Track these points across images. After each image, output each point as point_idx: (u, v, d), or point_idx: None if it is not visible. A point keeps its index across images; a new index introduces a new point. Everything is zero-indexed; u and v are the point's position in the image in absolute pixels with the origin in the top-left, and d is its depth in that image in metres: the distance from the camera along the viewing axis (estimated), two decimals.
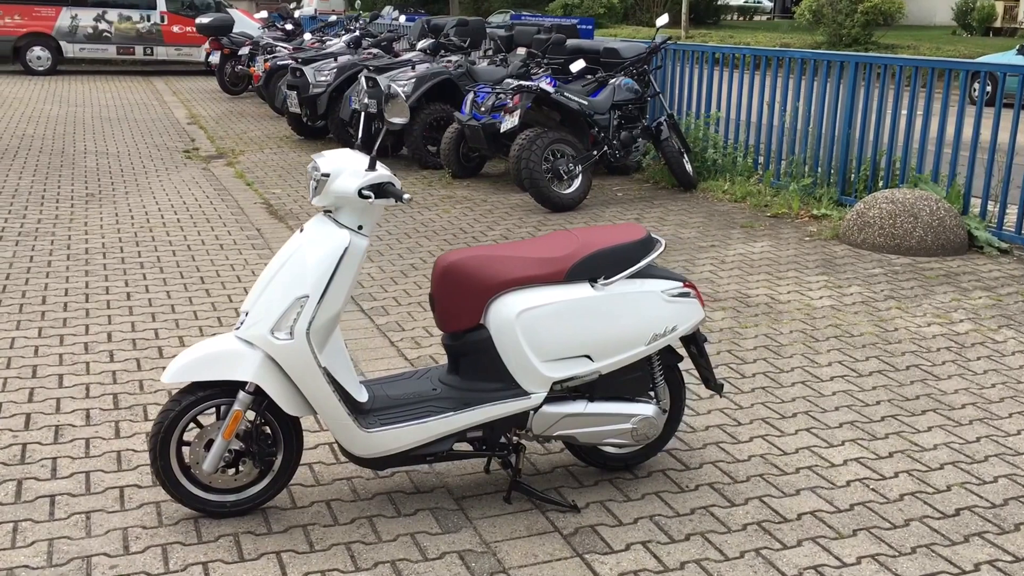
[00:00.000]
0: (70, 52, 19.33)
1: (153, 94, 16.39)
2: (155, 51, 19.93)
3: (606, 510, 3.39)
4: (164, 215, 7.64)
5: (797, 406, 4.30)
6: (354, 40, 12.30)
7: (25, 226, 7.13)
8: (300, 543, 3.12)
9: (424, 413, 3.22)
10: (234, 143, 11.50)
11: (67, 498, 3.32)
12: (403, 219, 7.72)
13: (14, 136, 11.28)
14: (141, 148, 10.88)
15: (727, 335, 5.18)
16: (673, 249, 6.90)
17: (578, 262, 3.28)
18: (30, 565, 2.93)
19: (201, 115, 13.95)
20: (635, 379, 3.43)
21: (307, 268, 3.05)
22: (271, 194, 8.62)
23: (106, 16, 19.47)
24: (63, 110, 13.78)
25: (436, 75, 9.89)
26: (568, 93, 8.31)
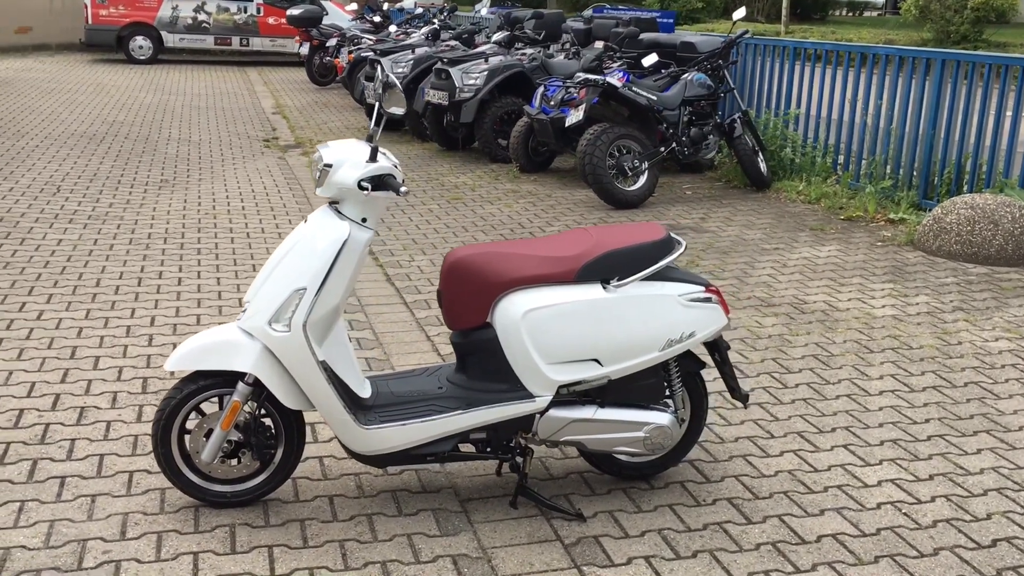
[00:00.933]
0: (170, 42, 19.89)
1: (245, 84, 16.74)
2: (251, 42, 20.36)
3: (613, 520, 3.26)
4: (231, 203, 7.76)
5: (838, 420, 4.08)
6: (432, 32, 12.32)
7: (96, 209, 7.32)
8: (294, 538, 3.08)
9: (425, 412, 3.15)
10: (313, 133, 11.64)
11: (77, 480, 3.36)
12: (463, 212, 7.68)
13: (104, 122, 11.64)
14: (223, 136, 11.10)
15: (775, 342, 4.96)
16: (733, 251, 6.68)
17: (589, 262, 3.16)
18: (27, 546, 2.97)
19: (287, 105, 14.18)
20: (649, 386, 3.29)
21: (306, 260, 3.01)
22: None
23: (205, 7, 19.97)
24: (156, 98, 14.18)
25: (508, 68, 9.81)
26: (637, 88, 8.13)
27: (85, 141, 10.30)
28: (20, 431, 3.70)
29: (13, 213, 7.07)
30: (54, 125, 11.26)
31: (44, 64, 18.61)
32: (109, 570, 2.86)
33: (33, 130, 10.84)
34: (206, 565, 2.91)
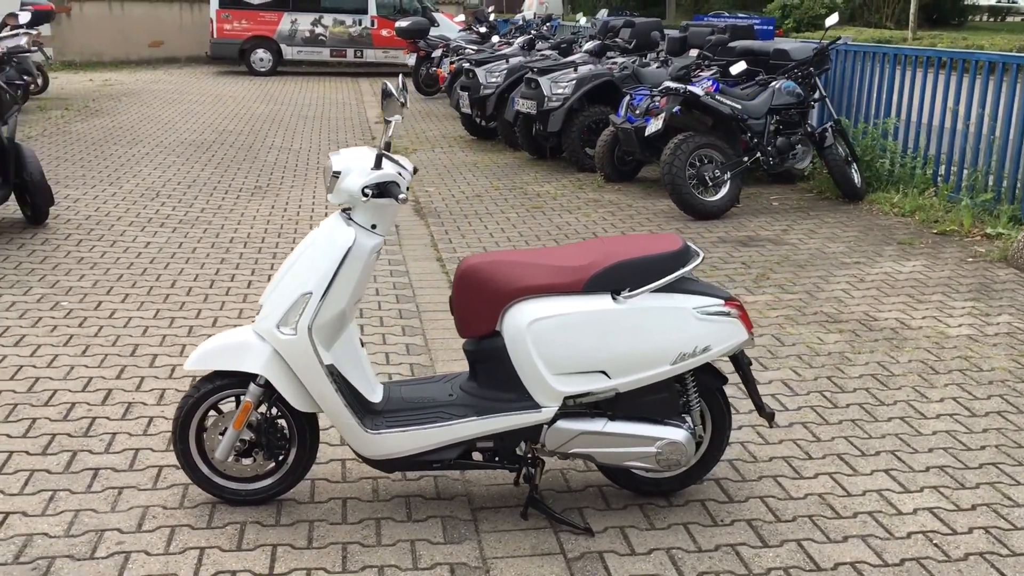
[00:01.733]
0: (289, 54, 20.60)
1: (355, 94, 17.19)
2: (364, 54, 20.90)
3: (623, 537, 3.20)
4: (315, 209, 7.97)
5: (884, 444, 3.90)
6: (528, 42, 12.37)
7: (188, 214, 7.64)
8: (300, 538, 3.14)
9: (432, 419, 3.16)
10: (410, 142, 11.85)
11: (109, 472, 3.51)
12: (540, 221, 7.68)
13: (215, 131, 12.14)
14: (322, 145, 11.42)
15: (833, 360, 4.78)
16: (810, 264, 6.46)
17: (598, 273, 3.11)
18: (49, 533, 3.11)
19: None
20: (661, 400, 3.22)
21: (313, 265, 3.07)
22: (423, 192, 8.81)
23: (322, 20, 20.61)
24: (268, 108, 14.70)
25: (597, 77, 9.76)
26: (720, 96, 7.97)
27: (192, 149, 10.76)
28: (68, 423, 3.89)
29: (111, 217, 7.44)
30: (168, 133, 11.81)
31: (172, 76, 19.55)
32: (119, 561, 2.98)
33: (148, 138, 11.40)
34: (209, 560, 3.00)
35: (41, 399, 4.10)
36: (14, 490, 3.37)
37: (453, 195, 8.69)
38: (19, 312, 5.19)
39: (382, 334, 5.03)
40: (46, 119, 12.65)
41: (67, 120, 12.63)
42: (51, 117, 12.81)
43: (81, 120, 12.68)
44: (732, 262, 6.53)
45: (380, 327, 5.13)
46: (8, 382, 4.27)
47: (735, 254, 6.73)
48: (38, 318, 5.11)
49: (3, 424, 3.86)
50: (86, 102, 14.55)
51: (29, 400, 4.09)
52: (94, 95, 15.53)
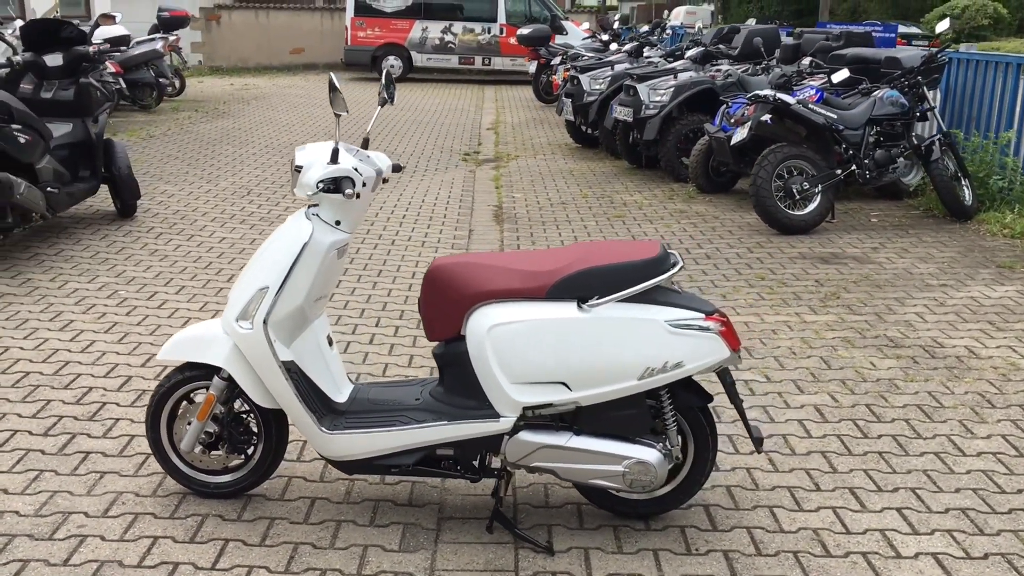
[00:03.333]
0: (419, 61, 21.00)
1: (476, 101, 17.33)
2: (492, 61, 21.08)
3: (584, 559, 3.04)
4: (395, 211, 8.03)
5: (907, 480, 3.57)
6: (635, 49, 12.15)
7: (271, 212, 7.83)
8: (255, 535, 3.12)
9: (390, 422, 3.09)
10: (515, 148, 11.83)
11: (99, 457, 3.59)
12: (617, 230, 7.49)
13: (326, 134, 12.45)
14: (428, 150, 11.53)
15: (879, 387, 4.43)
16: (889, 285, 6.05)
17: (562, 279, 2.97)
18: (20, 512, 3.20)
19: (504, 122, 14.52)
20: (628, 417, 3.03)
21: (271, 260, 3.05)
22: (511, 198, 8.76)
23: (452, 28, 20.91)
24: (388, 113, 14.98)
25: (696, 85, 9.48)
26: (815, 105, 7.58)
27: None
28: (78, 407, 4.01)
29: (197, 212, 7.71)
30: (281, 135, 12.20)
31: (306, 81, 20.23)
32: (73, 544, 3.03)
33: (260, 139, 11.79)
34: (159, 550, 3.01)
35: (62, 382, 4.25)
36: (4, 467, 3.49)
37: (538, 202, 8.60)
38: (77, 299, 5.42)
39: (414, 336, 4.99)
40: (174, 119, 13.28)
41: (193, 121, 13.23)
42: (179, 118, 13.44)
43: (206, 121, 13.25)
44: (805, 279, 6.18)
45: (418, 329, 5.10)
46: (39, 364, 4.45)
47: (811, 271, 6.37)
48: (91, 305, 5.32)
49: (20, 404, 4.02)
50: (217, 104, 15.21)
51: (51, 382, 4.24)
52: (227, 98, 16.22)
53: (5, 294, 5.44)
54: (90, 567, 2.90)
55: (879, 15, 36.22)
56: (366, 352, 4.77)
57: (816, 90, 8.03)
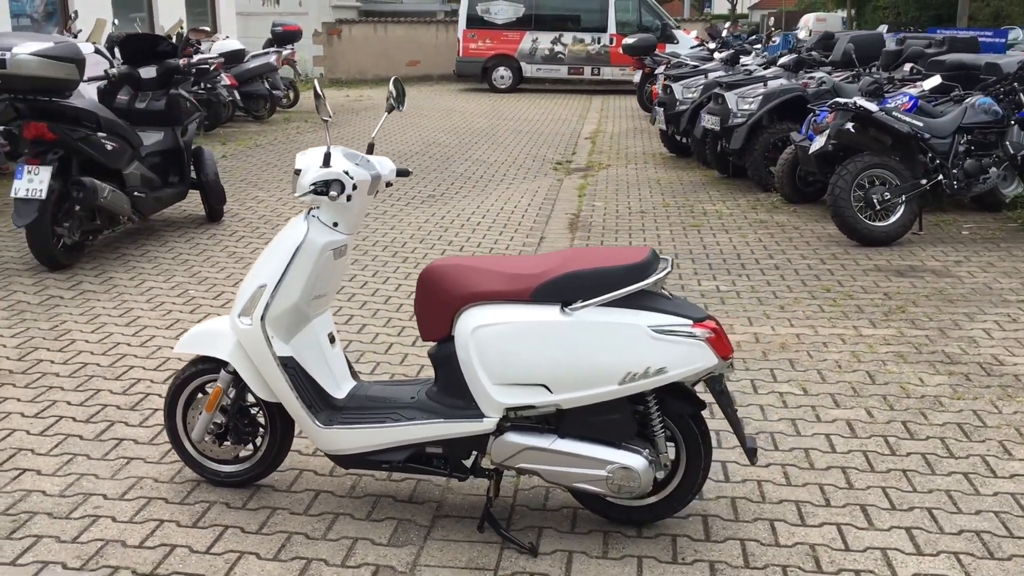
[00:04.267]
0: (528, 72, 21.20)
1: (579, 111, 17.37)
2: (602, 71, 21.09)
3: (566, 563, 3.05)
4: (471, 218, 8.16)
5: (926, 500, 3.43)
6: (731, 57, 11.96)
7: None
8: (254, 523, 3.25)
9: (383, 419, 3.17)
10: (608, 157, 11.82)
11: (131, 444, 3.81)
12: (691, 240, 7.41)
13: (423, 143, 12.73)
14: (520, 158, 11.64)
15: (921, 403, 4.26)
16: (963, 300, 5.79)
17: (545, 282, 2.99)
18: (47, 491, 3.43)
19: (604, 131, 14.51)
20: (612, 422, 3.03)
21: (271, 259, 3.18)
22: (590, 206, 8.77)
23: (562, 39, 21.03)
24: (488, 123, 15.20)
25: (786, 92, 9.27)
26: (899, 113, 7.32)
27: (393, 158, 11.29)
28: (124, 397, 4.26)
29: (281, 217, 8.02)
30: (380, 144, 12.52)
31: (419, 92, 20.68)
32: (85, 523, 3.22)
33: (359, 148, 12.12)
34: (161, 532, 3.17)
35: (115, 373, 4.51)
36: (43, 450, 3.74)
37: (617, 210, 8.58)
38: (149, 296, 5.74)
39: None
40: (283, 130, 13.82)
41: (300, 131, 13.73)
42: (288, 128, 13.97)
43: (312, 131, 13.73)
44: (873, 292, 5.98)
45: None
46: (98, 356, 4.73)
47: (882, 284, 6.16)
48: (161, 303, 5.62)
49: (71, 392, 4.29)
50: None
51: (105, 373, 4.51)
52: (338, 109, 16.75)
53: (85, 291, 5.80)
54: (95, 545, 3.08)
55: (1023, 19, 34.44)
56: (406, 353, 4.88)
57: (911, 97, 7.77)
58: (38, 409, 4.11)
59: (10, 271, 6.18)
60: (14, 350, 4.79)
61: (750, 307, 5.70)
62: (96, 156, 6.08)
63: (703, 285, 6.18)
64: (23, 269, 6.21)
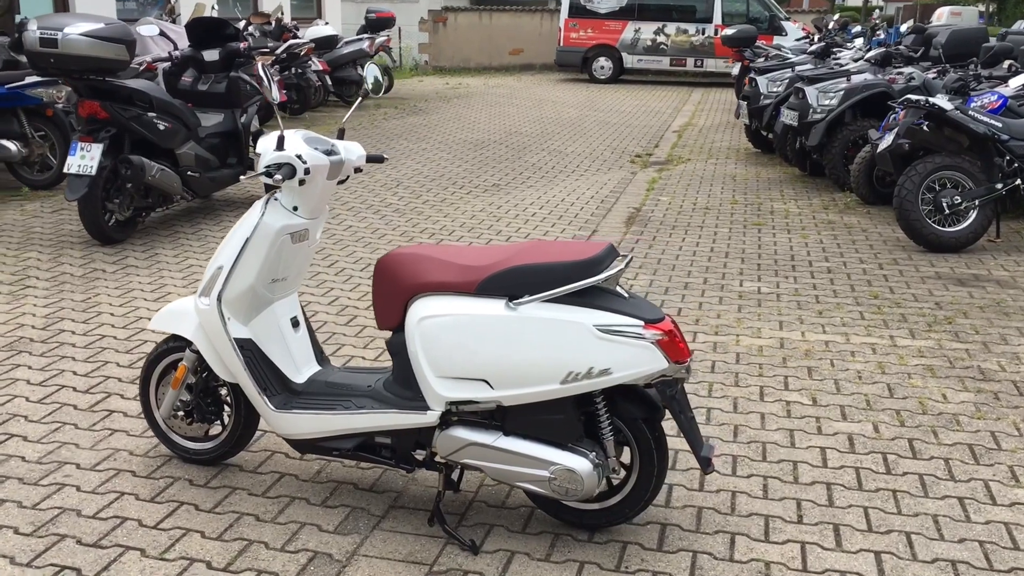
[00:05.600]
0: (629, 62, 20.91)
1: (675, 104, 17.04)
2: (705, 63, 20.63)
3: (504, 563, 2.97)
4: (528, 209, 8.08)
5: (909, 524, 3.22)
6: (822, 50, 11.50)
7: (409, 204, 8.11)
8: (210, 501, 3.28)
9: (333, 406, 3.16)
10: (690, 152, 11.56)
11: (120, 416, 3.91)
12: (746, 239, 7.16)
13: (505, 132, 12.69)
14: (597, 150, 11.49)
15: (937, 421, 4.00)
16: (1018, 315, 5.41)
17: (490, 276, 2.91)
18: (26, 457, 3.54)
19: (695, 124, 14.19)
20: (555, 422, 2.93)
21: (230, 241, 3.20)
22: (655, 201, 8.59)
23: (665, 29, 20.66)
24: (577, 113, 15.06)
25: (869, 88, 8.86)
26: (977, 112, 6.89)
27: (467, 147, 11.36)
28: (128, 370, 4.37)
29: (338, 201, 8.12)
30: (460, 132, 12.56)
31: (518, 81, 20.68)
32: (51, 491, 3.32)
33: (437, 136, 12.20)
34: (118, 504, 3.24)
35: (127, 347, 4.64)
36: (36, 417, 3.87)
37: (681, 206, 8.38)
38: (186, 274, 5.88)
39: None
40: (370, 116, 14.01)
41: (387, 117, 13.89)
42: (375, 114, 14.16)
43: (399, 117, 13.88)
44: (925, 301, 5.66)
45: None
46: (117, 329, 4.87)
47: (937, 293, 5.82)
48: (194, 280, 5.75)
49: (81, 363, 4.43)
50: (418, 102, 15.88)
51: (118, 346, 4.65)
52: (432, 96, 16.89)
53: (128, 266, 5.99)
54: (51, 513, 3.17)
55: None
56: None
57: (1000, 97, 7.32)
58: (44, 377, 4.26)
59: (64, 243, 6.44)
60: (41, 319, 4.98)
61: (786, 311, 5.47)
62: (147, 135, 6.27)
63: (744, 286, 5.96)
64: (76, 242, 6.46)
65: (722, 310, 5.47)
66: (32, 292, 5.42)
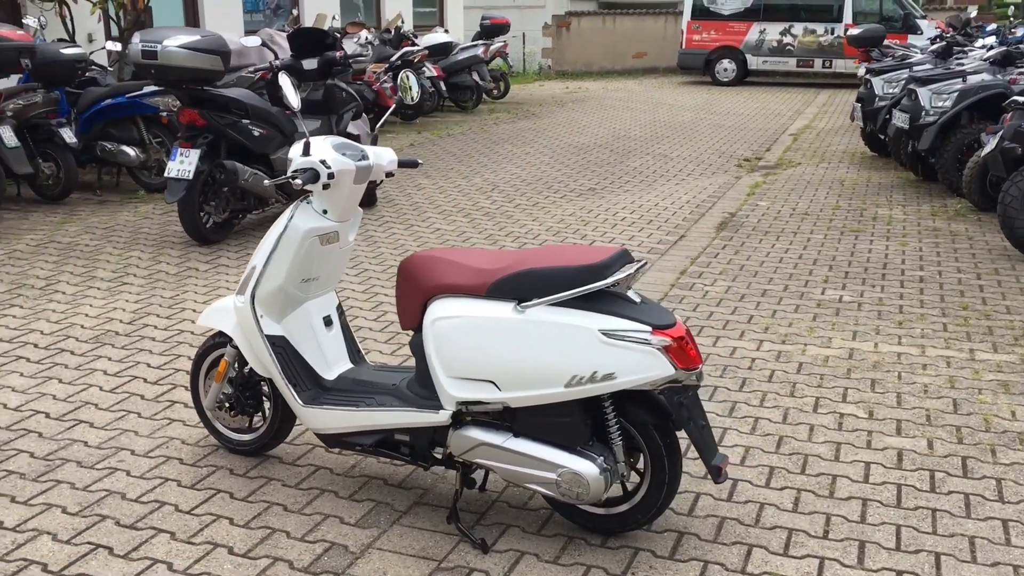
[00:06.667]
0: (754, 64, 20.45)
1: (798, 106, 16.58)
2: (833, 64, 19.98)
3: (512, 563, 3.01)
4: (618, 214, 8.05)
5: (939, 544, 3.08)
6: (943, 50, 10.97)
7: (501, 208, 8.19)
8: (244, 490, 3.44)
9: (356, 403, 3.26)
10: (802, 156, 11.25)
11: (180, 408, 4.12)
12: (838, 246, 6.94)
13: (612, 136, 12.65)
14: (705, 154, 11.32)
15: (1000, 440, 3.80)
16: None
17: (500, 279, 2.95)
18: (88, 442, 3.79)
19: (814, 127, 13.79)
20: (563, 425, 2.94)
21: (265, 242, 3.34)
22: (753, 206, 8.41)
23: (792, 30, 20.12)
24: (692, 116, 14.86)
25: (987, 89, 8.43)
26: None
27: (570, 151, 11.38)
28: None
29: (431, 204, 8.28)
30: (566, 136, 12.59)
31: (638, 85, 20.55)
32: (103, 474, 3.54)
33: (544, 140, 12.26)
34: (160, 490, 3.43)
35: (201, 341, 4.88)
36: (105, 405, 4.13)
37: (779, 211, 8.18)
38: None
39: None
40: (482, 120, 14.20)
41: (497, 122, 14.06)
42: (486, 119, 14.34)
43: (509, 122, 14.02)
44: (1018, 314, 5.37)
45: None
46: (187, 323, 5.14)
47: None
48: None
49: (155, 356, 4.69)
50: (532, 107, 15.99)
51: (194, 341, 4.89)
52: (548, 101, 16.98)
53: (220, 265, 6.30)
54: (99, 495, 3.39)
55: None
56: None
57: None
58: (120, 368, 4.54)
59: (166, 243, 6.82)
60: (130, 314, 5.30)
61: (864, 321, 5.28)
62: (243, 141, 6.57)
63: (825, 295, 5.78)
64: (177, 242, 6.83)
65: (796, 318, 5.33)
66: (127, 288, 5.77)
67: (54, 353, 4.72)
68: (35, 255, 6.49)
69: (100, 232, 7.15)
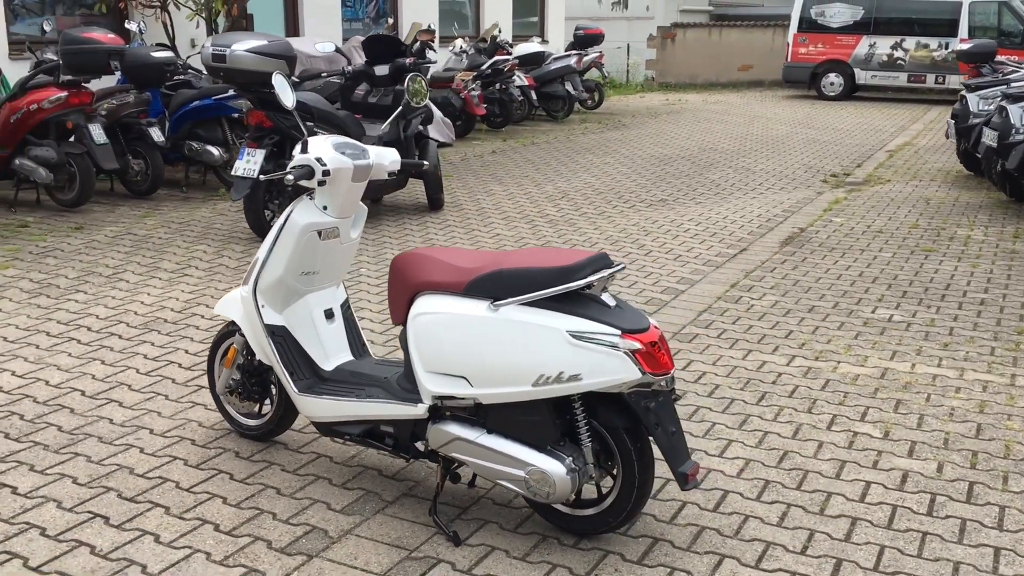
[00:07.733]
0: (862, 79, 19.90)
1: (903, 122, 16.07)
2: (947, 80, 19.26)
3: (480, 557, 3.06)
4: (683, 226, 7.99)
5: (921, 568, 3.00)
6: None
7: (566, 215, 8.24)
8: (244, 473, 3.59)
9: (346, 393, 3.37)
10: (893, 173, 10.92)
11: (206, 392, 4.31)
12: (905, 266, 6.73)
13: (697, 148, 12.52)
14: (791, 168, 11.10)
15: (1018, 468, 3.64)
16: None
17: (477, 278, 3.02)
18: (113, 420, 4.01)
19: (914, 144, 13.35)
20: (531, 423, 2.98)
21: (269, 235, 3.48)
22: (827, 222, 8.23)
23: (903, 44, 19.51)
24: (788, 130, 14.57)
25: None
26: None
27: (649, 162, 11.33)
28: None
29: (497, 210, 8.38)
30: (649, 147, 12.53)
31: (740, 98, 20.25)
32: (119, 449, 3.75)
33: (625, 150, 12.23)
34: (166, 467, 3.61)
35: None
36: (138, 387, 4.36)
37: (852, 228, 7.97)
38: None
39: None
40: (568, 130, 14.25)
41: (584, 132, 14.09)
42: (574, 129, 14.38)
43: (597, 132, 14.03)
44: None
45: None
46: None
47: None
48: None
49: (195, 343, 4.92)
50: (623, 118, 15.96)
51: None
52: (641, 112, 16.92)
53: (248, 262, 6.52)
54: (110, 468, 3.59)
55: None
56: None
57: None
58: (160, 353, 4.78)
59: (232, 239, 7.12)
60: (183, 304, 5.57)
61: (907, 342, 5.12)
62: None
63: (876, 313, 5.62)
64: (242, 238, 7.12)
65: (836, 335, 5.21)
66: (186, 280, 6.06)
67: (104, 337, 5.00)
68: (110, 245, 6.87)
69: (175, 226, 7.51)
